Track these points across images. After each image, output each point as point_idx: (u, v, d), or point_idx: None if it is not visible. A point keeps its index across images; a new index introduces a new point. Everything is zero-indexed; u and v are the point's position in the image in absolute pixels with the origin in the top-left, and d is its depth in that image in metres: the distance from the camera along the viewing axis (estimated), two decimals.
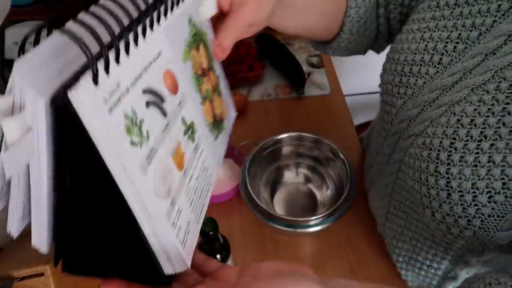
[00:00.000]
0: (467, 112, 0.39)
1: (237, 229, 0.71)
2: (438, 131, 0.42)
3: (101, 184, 0.23)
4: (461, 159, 0.39)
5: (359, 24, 0.58)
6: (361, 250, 0.67)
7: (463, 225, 0.40)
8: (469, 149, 0.38)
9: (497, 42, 0.38)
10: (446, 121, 0.41)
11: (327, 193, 0.73)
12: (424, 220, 0.46)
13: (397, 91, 0.49)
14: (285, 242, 0.69)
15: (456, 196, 0.39)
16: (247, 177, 0.67)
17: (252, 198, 0.64)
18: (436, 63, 0.44)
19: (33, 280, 0.49)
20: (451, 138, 0.40)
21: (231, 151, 0.77)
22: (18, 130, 0.21)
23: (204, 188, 0.35)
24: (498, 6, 0.39)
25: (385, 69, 0.53)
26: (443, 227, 0.43)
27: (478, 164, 0.38)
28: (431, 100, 0.44)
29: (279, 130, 0.76)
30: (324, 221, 0.62)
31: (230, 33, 0.37)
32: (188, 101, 0.33)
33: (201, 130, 0.35)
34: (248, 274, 0.28)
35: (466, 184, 0.39)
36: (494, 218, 0.38)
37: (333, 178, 0.73)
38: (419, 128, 0.45)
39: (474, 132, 0.38)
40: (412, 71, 0.46)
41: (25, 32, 0.24)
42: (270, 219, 0.62)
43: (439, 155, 0.41)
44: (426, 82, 0.45)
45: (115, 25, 0.23)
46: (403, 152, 0.49)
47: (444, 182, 0.40)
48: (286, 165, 0.77)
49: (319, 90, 0.95)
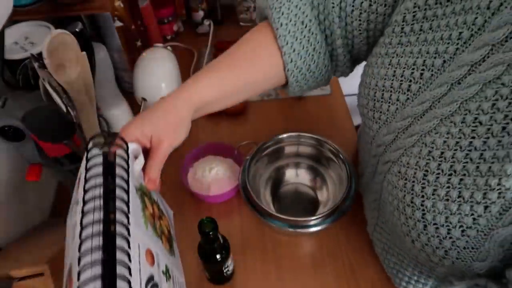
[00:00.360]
0: (437, 144, 0.39)
1: (237, 229, 0.71)
2: (411, 162, 0.42)
3: None
4: (434, 192, 0.39)
5: (303, 72, 0.56)
6: (361, 250, 0.67)
7: (441, 255, 0.40)
8: (440, 183, 0.38)
9: (461, 72, 0.38)
10: (419, 151, 0.41)
11: (327, 193, 0.73)
12: (407, 245, 0.45)
13: (372, 116, 0.48)
14: (285, 242, 0.69)
15: (432, 229, 0.39)
16: (247, 177, 0.67)
17: (252, 198, 0.64)
18: (406, 90, 0.43)
19: (33, 280, 0.49)
20: (424, 170, 0.40)
21: (231, 151, 0.77)
22: (139, 166, 0.42)
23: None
24: (459, 34, 0.38)
25: (360, 92, 0.52)
26: (423, 254, 0.43)
27: (450, 198, 0.38)
28: (404, 128, 0.44)
29: (279, 130, 0.76)
30: (324, 221, 0.62)
31: (154, 168, 0.45)
32: (159, 254, 0.41)
33: (167, 260, 0.44)
34: None
35: (440, 218, 0.39)
36: (469, 250, 0.38)
37: (333, 178, 0.73)
38: (395, 155, 0.45)
39: (444, 166, 0.38)
40: (384, 97, 0.46)
41: (25, 32, 0.24)
42: (270, 219, 0.62)
43: (413, 186, 0.41)
44: (398, 108, 0.44)
45: None
46: (382, 176, 0.48)
47: (420, 214, 0.40)
48: (286, 165, 0.77)
49: (319, 90, 0.95)
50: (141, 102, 0.75)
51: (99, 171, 0.38)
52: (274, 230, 0.69)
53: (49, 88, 0.51)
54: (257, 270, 0.66)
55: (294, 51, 0.54)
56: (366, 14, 0.49)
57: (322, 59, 0.56)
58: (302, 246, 0.69)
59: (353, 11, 0.49)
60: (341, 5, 0.50)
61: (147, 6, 0.93)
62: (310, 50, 0.54)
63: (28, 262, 0.51)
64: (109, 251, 0.32)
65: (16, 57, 0.60)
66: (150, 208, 0.44)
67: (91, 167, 0.38)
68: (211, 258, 0.57)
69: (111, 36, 0.81)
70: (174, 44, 1.09)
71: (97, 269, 0.31)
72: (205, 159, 0.78)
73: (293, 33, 0.53)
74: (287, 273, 0.65)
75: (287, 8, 0.53)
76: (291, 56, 0.54)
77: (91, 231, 0.33)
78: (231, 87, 0.54)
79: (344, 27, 0.52)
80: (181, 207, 0.74)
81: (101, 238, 0.32)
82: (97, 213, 0.34)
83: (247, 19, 1.12)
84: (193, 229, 0.72)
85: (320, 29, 0.54)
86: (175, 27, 1.10)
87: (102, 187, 0.36)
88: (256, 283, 0.64)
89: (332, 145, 0.72)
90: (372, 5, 0.48)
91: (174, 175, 0.79)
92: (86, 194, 0.36)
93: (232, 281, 0.65)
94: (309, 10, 0.53)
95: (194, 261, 0.67)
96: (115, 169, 0.39)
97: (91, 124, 0.62)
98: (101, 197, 0.36)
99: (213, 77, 0.52)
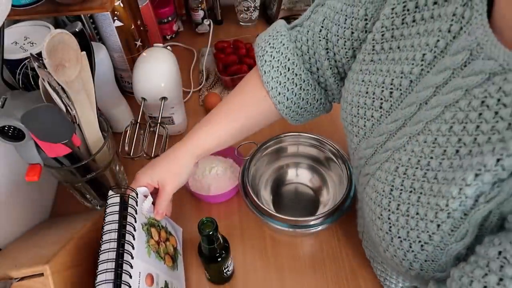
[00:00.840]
0: (403, 161, 0.40)
1: (237, 229, 0.71)
2: (383, 176, 0.43)
3: None
4: (397, 207, 0.40)
5: (294, 110, 0.60)
6: (361, 250, 0.67)
7: (406, 266, 0.42)
8: (402, 198, 0.40)
9: (427, 93, 0.38)
10: (388, 167, 0.42)
11: (327, 193, 0.73)
12: (381, 254, 0.47)
13: (351, 129, 0.50)
14: (285, 242, 0.69)
15: (397, 241, 0.41)
16: (247, 177, 0.67)
17: (252, 198, 0.64)
18: (378, 108, 0.44)
19: (32, 280, 0.49)
20: (390, 185, 0.41)
21: (231, 151, 0.77)
22: (148, 203, 0.59)
23: None
24: (423, 56, 0.38)
25: (341, 106, 0.53)
26: (394, 264, 0.44)
27: (409, 214, 0.39)
28: (381, 143, 0.45)
29: (279, 130, 0.76)
30: (324, 221, 0.62)
31: (161, 205, 0.59)
32: (159, 275, 0.55)
33: (168, 276, 0.57)
34: None
35: (402, 232, 0.40)
36: (430, 262, 0.39)
37: (333, 178, 0.73)
38: (373, 169, 0.46)
39: (406, 183, 0.40)
40: (359, 113, 0.47)
41: (25, 32, 0.24)
42: (270, 219, 0.62)
43: (382, 200, 0.42)
44: (374, 124, 0.46)
45: None
46: (363, 187, 0.50)
47: (387, 226, 0.42)
48: (286, 165, 0.77)
49: None
50: (141, 102, 0.75)
51: (116, 209, 0.54)
52: (274, 230, 0.69)
53: (49, 88, 0.51)
54: (257, 270, 0.66)
55: (279, 94, 0.58)
56: (350, 42, 0.50)
57: (312, 95, 0.59)
58: (302, 246, 0.69)
59: (338, 41, 0.51)
60: (327, 37, 0.52)
61: (147, 6, 0.93)
62: (296, 90, 0.58)
63: (28, 262, 0.51)
64: (117, 284, 0.47)
65: (16, 57, 0.60)
66: (157, 236, 0.58)
67: (109, 206, 0.54)
68: (211, 258, 0.57)
69: (111, 36, 0.81)
70: (174, 44, 1.09)
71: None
72: (205, 159, 0.78)
73: (276, 78, 0.58)
74: (287, 273, 0.65)
75: (269, 55, 0.58)
76: (278, 99, 0.59)
77: (106, 267, 0.48)
78: (229, 135, 0.62)
79: (333, 57, 0.54)
80: (181, 207, 0.74)
81: (113, 274, 0.48)
82: (112, 253, 0.49)
83: (247, 19, 1.12)
84: (193, 229, 0.72)
85: (305, 68, 0.58)
86: (175, 27, 1.10)
87: (118, 224, 0.52)
88: (256, 283, 0.64)
89: (332, 145, 0.72)
90: (353, 33, 0.49)
91: None
92: (104, 226, 0.52)
93: (232, 281, 0.65)
94: (292, 54, 0.57)
95: (194, 261, 0.67)
96: (127, 208, 0.54)
97: (91, 124, 0.62)
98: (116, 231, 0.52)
99: (210, 129, 0.61)
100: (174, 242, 0.64)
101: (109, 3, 0.65)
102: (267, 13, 1.15)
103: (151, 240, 0.56)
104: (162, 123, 0.74)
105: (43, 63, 0.50)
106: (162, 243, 0.59)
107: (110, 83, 0.80)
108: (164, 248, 0.59)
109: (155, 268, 0.54)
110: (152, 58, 0.75)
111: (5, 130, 0.54)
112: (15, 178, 0.66)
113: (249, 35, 1.07)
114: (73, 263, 0.55)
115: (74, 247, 0.56)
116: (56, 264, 0.51)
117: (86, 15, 0.81)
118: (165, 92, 0.75)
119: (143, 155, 0.69)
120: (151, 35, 0.98)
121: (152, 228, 0.58)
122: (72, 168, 0.62)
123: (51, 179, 0.79)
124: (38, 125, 0.52)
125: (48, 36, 0.49)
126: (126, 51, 0.84)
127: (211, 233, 0.52)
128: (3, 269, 0.50)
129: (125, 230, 0.51)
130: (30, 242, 0.62)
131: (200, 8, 1.08)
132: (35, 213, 0.72)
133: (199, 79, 1.00)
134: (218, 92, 0.95)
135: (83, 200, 0.73)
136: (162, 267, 0.56)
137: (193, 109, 0.92)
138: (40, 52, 0.50)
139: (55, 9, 0.64)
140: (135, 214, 0.54)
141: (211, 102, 0.88)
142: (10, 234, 0.64)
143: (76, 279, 0.55)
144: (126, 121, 0.79)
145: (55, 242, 0.57)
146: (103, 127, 0.66)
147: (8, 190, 0.65)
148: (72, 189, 0.69)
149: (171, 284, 0.57)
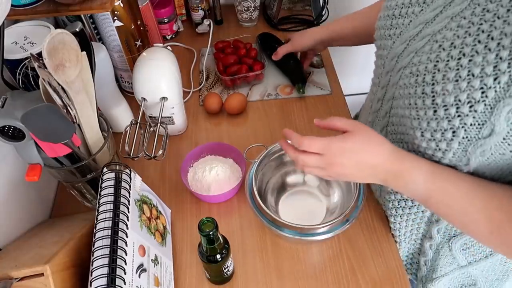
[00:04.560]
0: (447, 37, 0.44)
1: (237, 229, 0.71)
2: (423, 59, 0.47)
3: None
4: (443, 77, 0.44)
5: None
6: (361, 251, 0.67)
7: (449, 137, 0.45)
8: (450, 67, 0.43)
9: None
10: (430, 48, 0.47)
11: (334, 199, 0.71)
12: (414, 147, 0.51)
13: (388, 34, 0.56)
14: (285, 242, 0.69)
15: (441, 111, 0.44)
16: (254, 183, 0.65)
17: (259, 204, 0.63)
18: (422, 3, 0.50)
19: (32, 280, 0.49)
20: (435, 61, 0.45)
21: (231, 151, 0.77)
22: (138, 182, 0.63)
23: (168, 277, 0.62)
24: None
25: (380, 17, 0.59)
26: (432, 144, 0.48)
27: (459, 78, 0.42)
28: (415, 34, 0.50)
29: (279, 130, 0.76)
30: (331, 229, 0.60)
31: (285, 49, 0.90)
32: (150, 247, 0.59)
33: (158, 250, 0.61)
34: None
35: (449, 99, 0.43)
36: (475, 126, 0.42)
37: (341, 185, 0.71)
38: (406, 60, 0.51)
39: (453, 52, 0.43)
40: (401, 13, 0.53)
41: (25, 32, 0.24)
42: (278, 226, 0.61)
43: (424, 78, 0.46)
44: (412, 20, 0.51)
45: None
46: (394, 88, 0.55)
47: (430, 100, 0.45)
48: (293, 170, 0.75)
49: (319, 90, 0.95)
50: (141, 102, 0.75)
51: (111, 183, 0.58)
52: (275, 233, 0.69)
53: (49, 88, 0.51)
54: (257, 270, 0.66)
55: None
56: None
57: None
58: (302, 246, 0.69)
59: None
60: None
61: (146, 6, 0.93)
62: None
63: (28, 262, 0.51)
64: (113, 249, 0.51)
65: (16, 57, 0.60)
66: (148, 212, 0.63)
67: (105, 181, 0.58)
68: (211, 258, 0.57)
69: (111, 36, 0.81)
70: (174, 44, 1.09)
71: (105, 260, 0.50)
72: (205, 159, 0.78)
73: None
74: (287, 273, 0.65)
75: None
76: None
77: (102, 234, 0.53)
78: (351, 29, 0.80)
79: None
80: (181, 207, 0.74)
81: (110, 240, 0.52)
82: (108, 222, 0.54)
83: (247, 19, 1.12)
84: (193, 229, 0.72)
85: None
86: (175, 27, 1.10)
87: (113, 197, 0.57)
88: (256, 283, 0.64)
89: None
90: None
91: (174, 175, 0.79)
92: (101, 199, 0.56)
93: (232, 281, 0.65)
94: None
95: (194, 261, 0.67)
96: (121, 182, 0.59)
97: (91, 124, 0.62)
98: (112, 203, 0.56)
99: (339, 21, 0.83)
100: (164, 221, 0.68)
101: (109, 3, 0.65)
102: (267, 13, 1.15)
103: (143, 216, 0.60)
104: (162, 123, 0.74)
105: (43, 63, 0.50)
106: (153, 220, 0.64)
107: (110, 83, 0.80)
108: (154, 225, 0.63)
109: (146, 241, 0.58)
110: (152, 58, 0.75)
111: (5, 130, 0.54)
112: (15, 178, 0.66)
113: (249, 35, 1.07)
114: (73, 263, 0.55)
115: (74, 247, 0.56)
116: (56, 264, 0.51)
117: (86, 15, 0.81)
118: (165, 92, 0.75)
119: (143, 155, 0.69)
120: (151, 35, 0.98)
121: (144, 205, 0.62)
122: (72, 168, 0.62)
123: (51, 179, 0.79)
124: (38, 125, 0.52)
125: (48, 36, 0.49)
126: (126, 51, 0.84)
127: (211, 233, 0.52)
128: (3, 269, 0.50)
129: (119, 202, 0.56)
130: (30, 242, 0.62)
131: (200, 8, 1.08)
132: (35, 213, 0.72)
133: (199, 79, 1.00)
134: (218, 92, 0.95)
135: (83, 200, 0.73)
136: (153, 241, 0.61)
137: (193, 109, 0.92)
138: (40, 52, 0.50)
139: (55, 9, 0.64)
140: (129, 189, 0.58)
141: (211, 102, 0.88)
142: (10, 234, 0.64)
143: (76, 279, 0.55)
144: (126, 121, 0.79)
145: (55, 242, 0.57)
146: (103, 127, 0.66)
147: (8, 190, 0.65)
148: (72, 189, 0.69)
149: (160, 258, 0.61)
